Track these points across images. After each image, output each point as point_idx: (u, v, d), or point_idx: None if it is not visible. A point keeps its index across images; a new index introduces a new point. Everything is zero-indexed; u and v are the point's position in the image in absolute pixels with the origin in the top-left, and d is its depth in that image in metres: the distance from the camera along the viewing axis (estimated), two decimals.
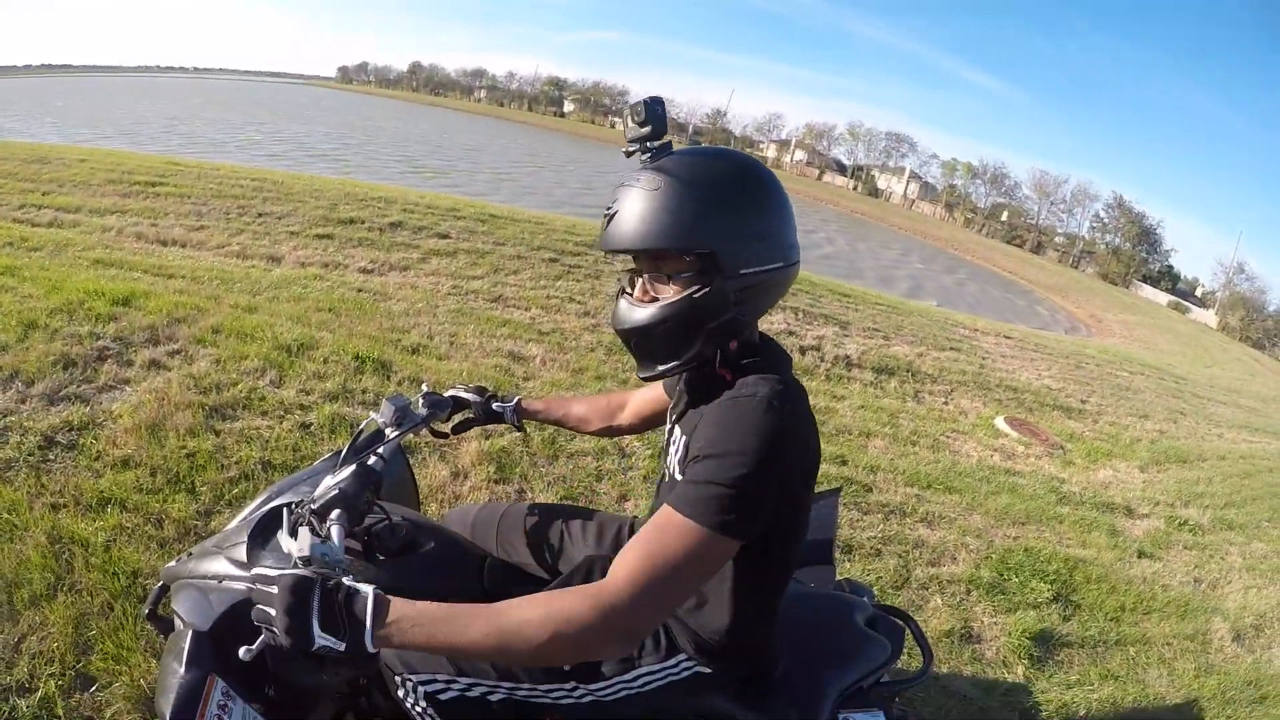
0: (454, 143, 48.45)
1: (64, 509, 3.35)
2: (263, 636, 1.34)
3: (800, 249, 1.64)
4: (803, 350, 8.90)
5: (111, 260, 7.07)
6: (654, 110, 1.52)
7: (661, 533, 1.38)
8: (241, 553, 1.78)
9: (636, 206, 1.48)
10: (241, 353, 5.10)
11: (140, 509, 3.42)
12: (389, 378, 5.27)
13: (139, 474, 3.66)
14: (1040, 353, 13.91)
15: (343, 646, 1.26)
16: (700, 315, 1.52)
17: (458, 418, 2.38)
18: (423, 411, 2.15)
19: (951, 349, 11.50)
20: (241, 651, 1.33)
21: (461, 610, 1.31)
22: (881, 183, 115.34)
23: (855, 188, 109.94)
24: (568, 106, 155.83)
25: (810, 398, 1.60)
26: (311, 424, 4.44)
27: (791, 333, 9.51)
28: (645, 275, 1.59)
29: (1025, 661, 3.88)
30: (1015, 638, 4.00)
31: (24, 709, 2.43)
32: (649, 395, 2.27)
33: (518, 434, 4.60)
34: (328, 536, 1.55)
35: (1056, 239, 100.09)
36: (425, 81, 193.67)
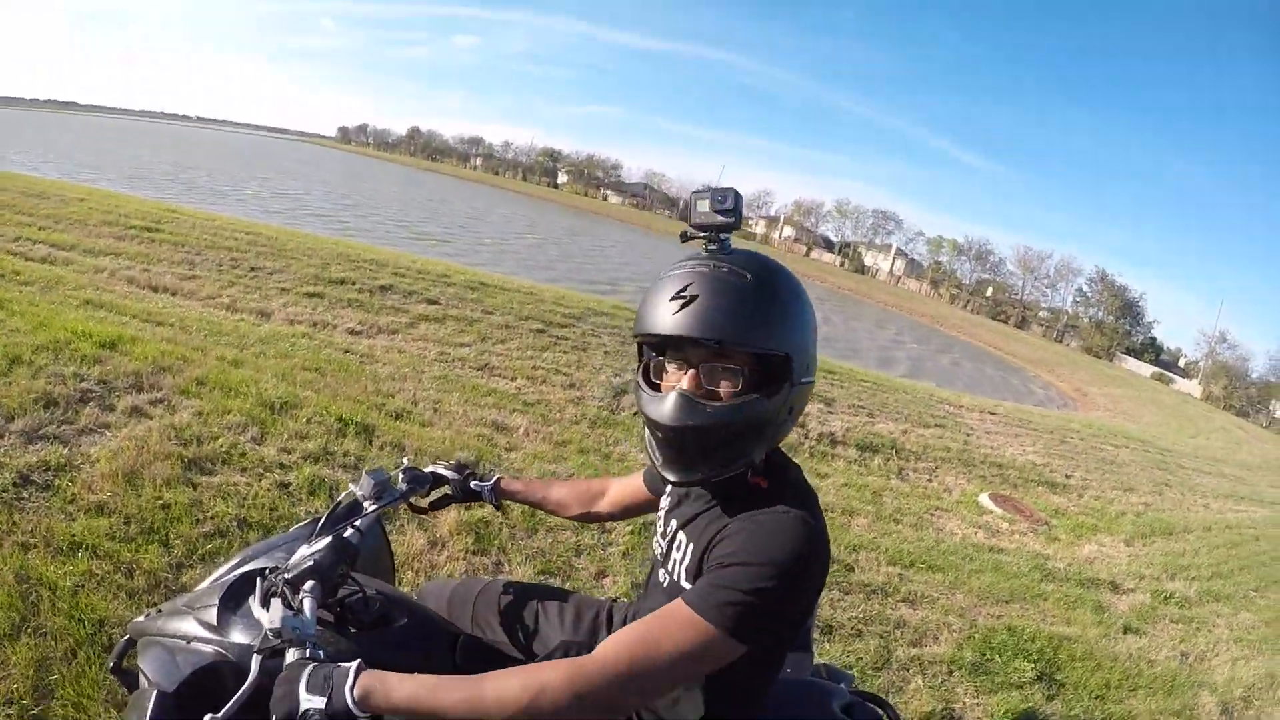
0: (454, 210, 48.78)
1: (34, 549, 3.29)
2: (232, 701, 1.36)
3: None
4: None
5: (101, 302, 7.08)
6: (738, 202, 1.49)
7: (663, 620, 1.36)
8: (212, 615, 1.74)
9: (724, 296, 1.44)
10: (225, 407, 5.08)
11: (111, 556, 3.37)
12: (371, 441, 5.24)
13: (113, 521, 3.62)
14: (1025, 428, 13.97)
15: (322, 703, 1.28)
16: (763, 420, 1.49)
17: (436, 494, 2.36)
18: (402, 487, 2.15)
19: (936, 425, 11.54)
20: (207, 718, 1.32)
21: (444, 678, 1.32)
22: (868, 259, 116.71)
23: (843, 264, 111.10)
24: (561, 178, 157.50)
25: None
26: (291, 484, 4.40)
27: None
28: (698, 368, 1.50)
29: None
30: (998, 719, 3.97)
31: None
32: (630, 486, 2.24)
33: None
34: (300, 609, 1.55)
35: (1041, 314, 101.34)
36: (423, 147, 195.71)
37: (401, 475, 2.18)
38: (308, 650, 1.42)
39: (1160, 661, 5.19)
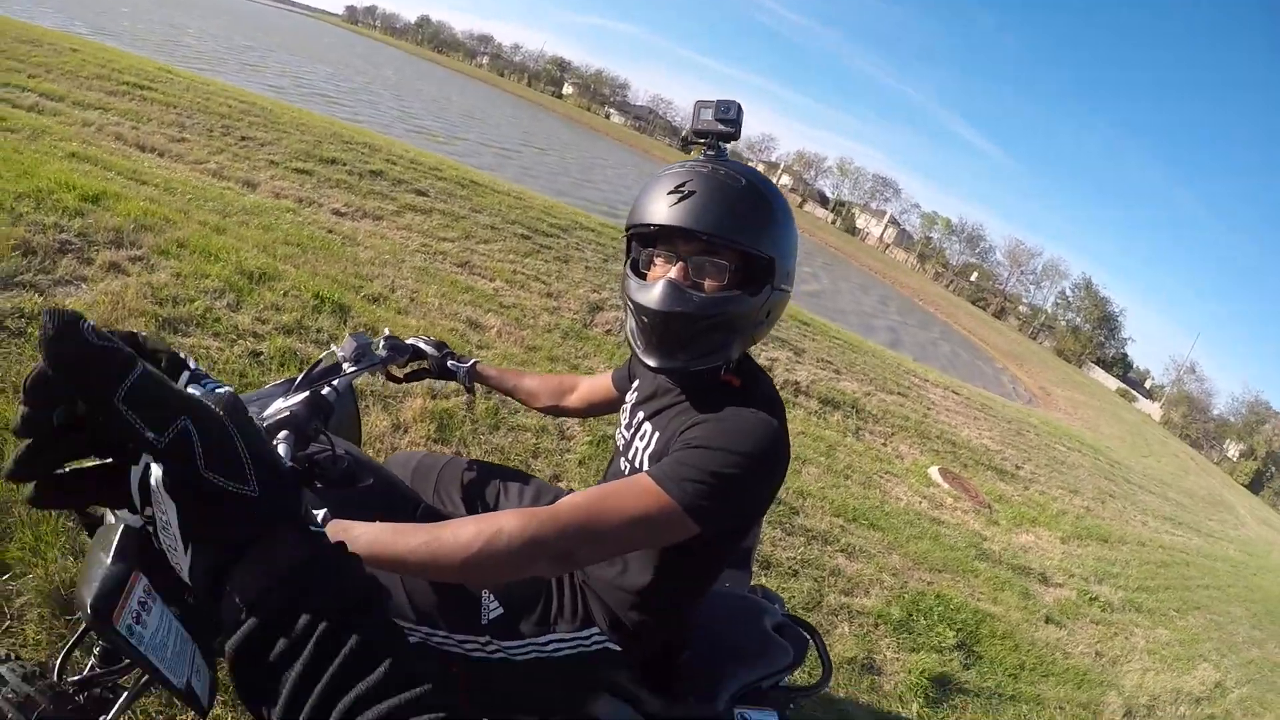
0: (456, 107, 47.90)
1: (3, 394, 3.32)
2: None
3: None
4: None
5: (87, 155, 6.96)
6: (740, 114, 1.63)
7: (626, 485, 1.44)
8: None
9: (720, 194, 1.53)
10: (203, 271, 5.08)
11: None
12: (345, 321, 5.28)
13: None
14: (985, 414, 14.17)
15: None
16: (744, 317, 1.59)
17: (413, 366, 2.43)
18: (383, 353, 2.20)
19: (899, 393, 11.67)
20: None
21: (403, 525, 1.36)
22: (860, 221, 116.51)
23: (834, 222, 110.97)
24: (567, 89, 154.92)
25: None
26: (262, 353, 4.44)
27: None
28: (687, 260, 1.59)
29: (920, 700, 4.01)
30: (915, 676, 4.12)
31: None
32: (599, 384, 2.32)
33: (464, 398, 4.68)
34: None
35: (1020, 308, 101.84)
36: (430, 37, 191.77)
37: (383, 342, 2.24)
38: None
39: (1075, 655, 5.40)
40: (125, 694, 1.81)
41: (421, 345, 2.40)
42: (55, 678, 1.75)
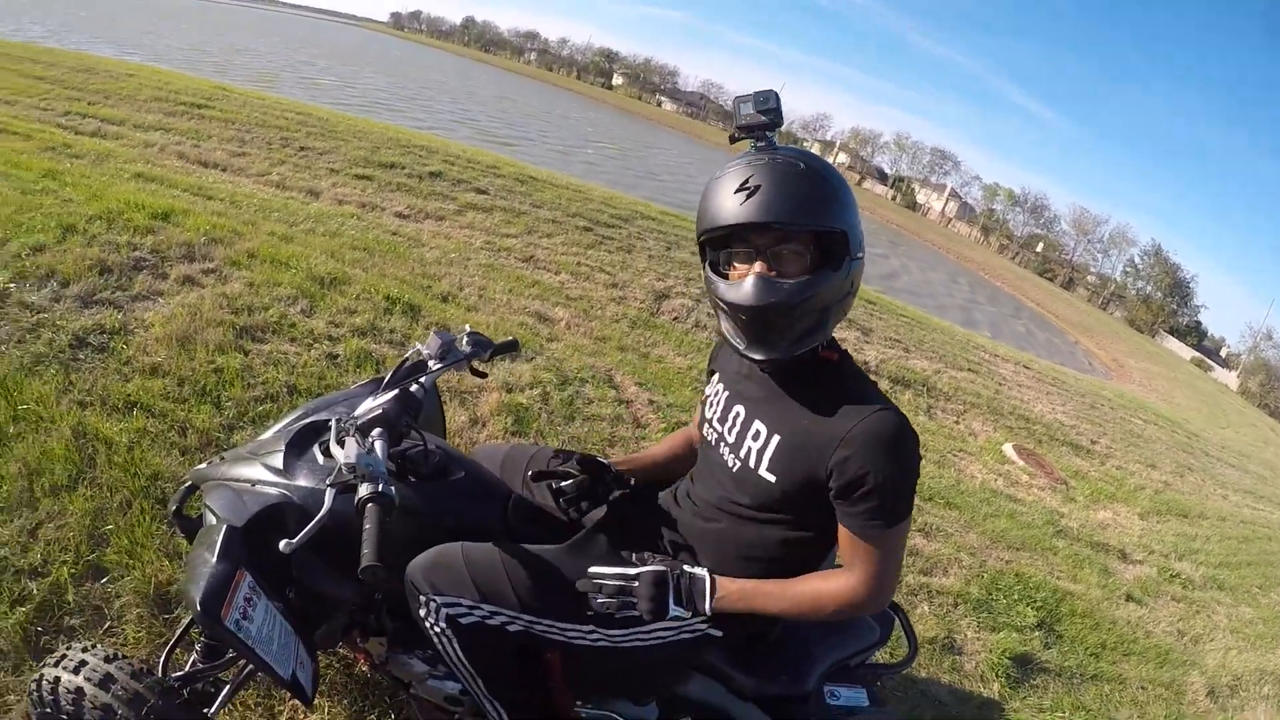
0: (516, 109, 48.16)
1: (90, 407, 3.39)
2: (305, 531, 1.47)
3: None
4: None
5: (153, 175, 7.11)
6: (779, 102, 1.63)
7: (885, 542, 1.62)
8: (279, 460, 1.84)
9: (784, 183, 1.55)
10: (275, 279, 5.12)
11: (165, 415, 3.47)
12: (417, 321, 5.27)
13: (166, 382, 3.70)
14: (1057, 388, 13.80)
15: (689, 615, 1.71)
16: (833, 294, 1.63)
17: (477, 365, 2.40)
18: (467, 348, 2.20)
19: (969, 370, 11.43)
20: (282, 544, 1.44)
21: (761, 582, 1.72)
22: (920, 197, 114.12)
23: (894, 198, 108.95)
24: (616, 79, 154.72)
25: None
26: (339, 355, 4.47)
27: None
28: (765, 254, 1.62)
29: (1002, 680, 3.88)
30: (996, 656, 3.99)
31: (35, 591, 2.50)
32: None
33: (536, 391, 4.72)
34: (371, 449, 1.63)
35: (1088, 278, 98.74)
36: (477, 37, 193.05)
37: (466, 338, 2.24)
38: (380, 486, 1.50)
39: (1157, 634, 5.16)
40: (227, 687, 1.88)
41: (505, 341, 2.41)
42: (160, 674, 1.80)
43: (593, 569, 1.76)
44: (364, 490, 1.49)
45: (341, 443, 1.69)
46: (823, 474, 1.61)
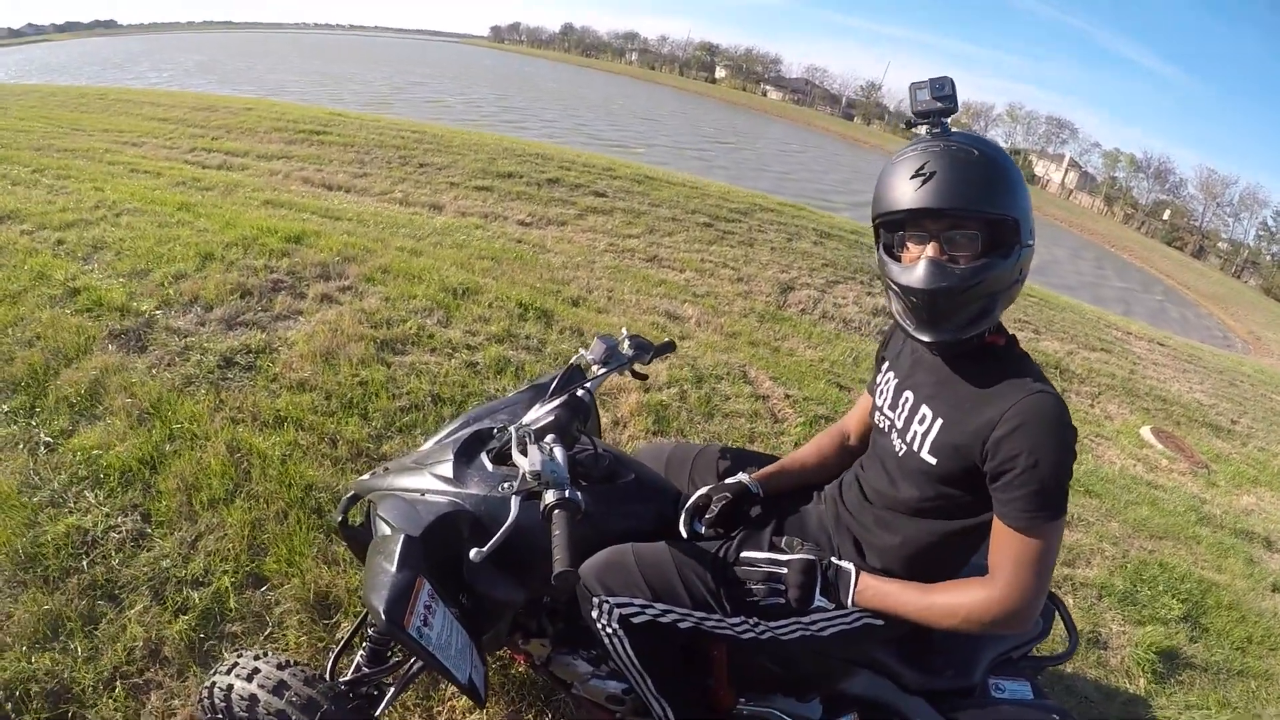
0: (626, 110, 48.59)
1: (242, 423, 3.45)
2: (494, 539, 1.52)
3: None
4: None
5: (280, 201, 7.31)
6: (954, 89, 1.64)
7: (1025, 540, 1.54)
8: (448, 469, 1.84)
9: (959, 169, 1.53)
10: (409, 293, 5.15)
11: (315, 429, 3.49)
12: (550, 325, 5.22)
13: (314, 397, 3.73)
14: (1194, 365, 12.94)
15: (833, 607, 1.74)
16: (1001, 281, 1.60)
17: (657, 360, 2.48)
18: (629, 352, 2.23)
19: (1102, 350, 10.86)
20: (473, 553, 1.51)
21: (903, 584, 1.71)
22: (1039, 169, 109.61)
23: None
24: (719, 72, 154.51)
25: None
26: (478, 363, 4.43)
27: None
28: (938, 238, 1.59)
29: (1148, 675, 3.60)
30: (1142, 650, 3.72)
31: (197, 600, 2.57)
32: (865, 405, 2.20)
33: (674, 390, 4.70)
34: (553, 455, 1.62)
35: (1220, 244, 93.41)
36: (576, 43, 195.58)
37: (628, 342, 2.26)
38: (566, 491, 1.51)
39: None
40: (391, 689, 1.93)
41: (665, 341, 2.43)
42: (330, 679, 1.89)
43: (745, 553, 1.82)
44: (550, 497, 1.51)
45: (523, 450, 1.66)
46: (978, 455, 1.58)
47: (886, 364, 1.98)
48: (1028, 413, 1.53)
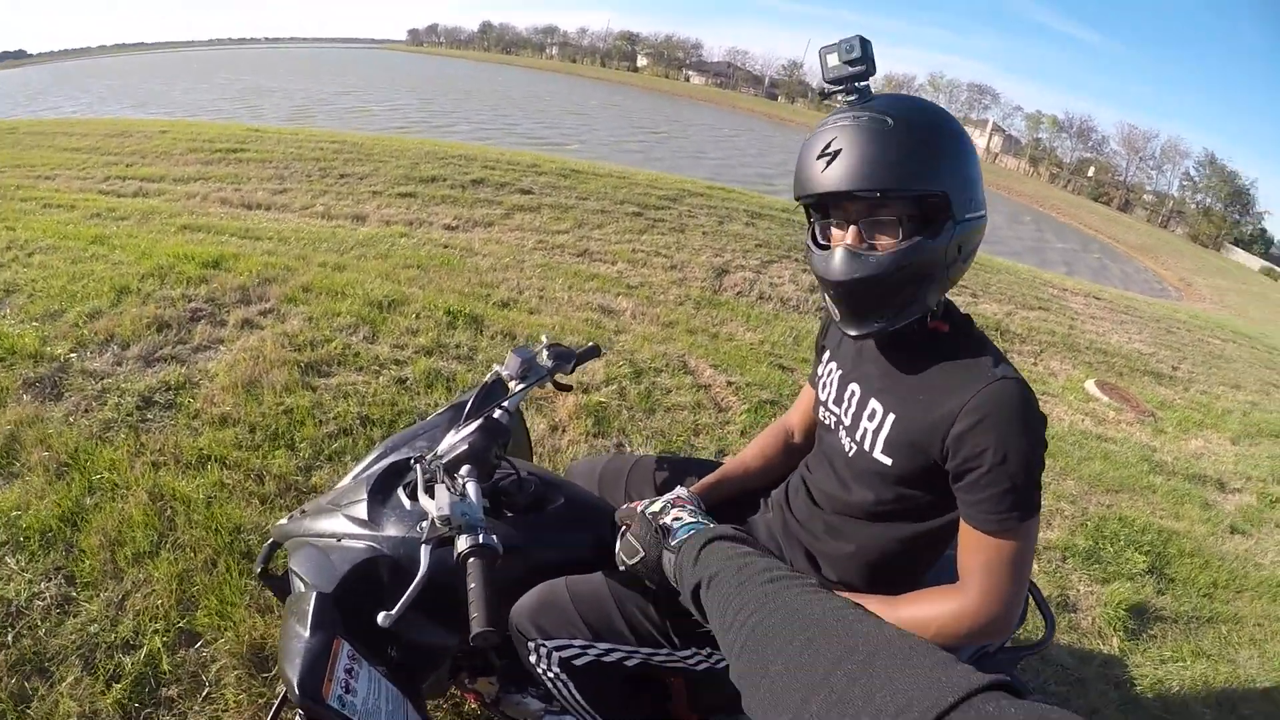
0: (554, 107, 48.23)
1: (164, 467, 3.33)
2: (403, 600, 1.35)
3: None
4: None
5: (198, 225, 7.13)
6: (867, 48, 1.43)
7: (997, 543, 1.41)
8: (362, 510, 1.71)
9: (867, 145, 1.38)
10: (333, 310, 5.05)
11: (240, 465, 3.38)
12: (481, 331, 5.15)
13: (237, 431, 3.62)
14: (1130, 315, 13.16)
15: None
16: (931, 263, 1.44)
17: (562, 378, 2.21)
18: (548, 363, 2.04)
19: (1040, 308, 10.99)
20: (380, 618, 1.34)
21: (867, 597, 1.55)
22: None
23: None
24: (641, 60, 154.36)
25: None
26: (408, 379, 4.35)
27: None
28: (859, 222, 1.46)
29: (1120, 634, 3.63)
30: (1111, 609, 3.76)
31: (129, 665, 2.43)
32: (807, 399, 2.07)
33: (612, 388, 4.62)
34: (464, 494, 1.48)
35: (1145, 197, 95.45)
36: (496, 41, 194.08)
37: (546, 351, 2.07)
38: (480, 536, 1.37)
39: (1267, 566, 4.78)
40: None
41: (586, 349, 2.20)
42: None
43: None
44: (463, 544, 1.36)
45: (430, 490, 1.51)
46: (938, 453, 1.45)
47: (828, 354, 1.85)
48: (990, 403, 1.39)
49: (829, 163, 1.40)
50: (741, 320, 6.80)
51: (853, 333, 1.54)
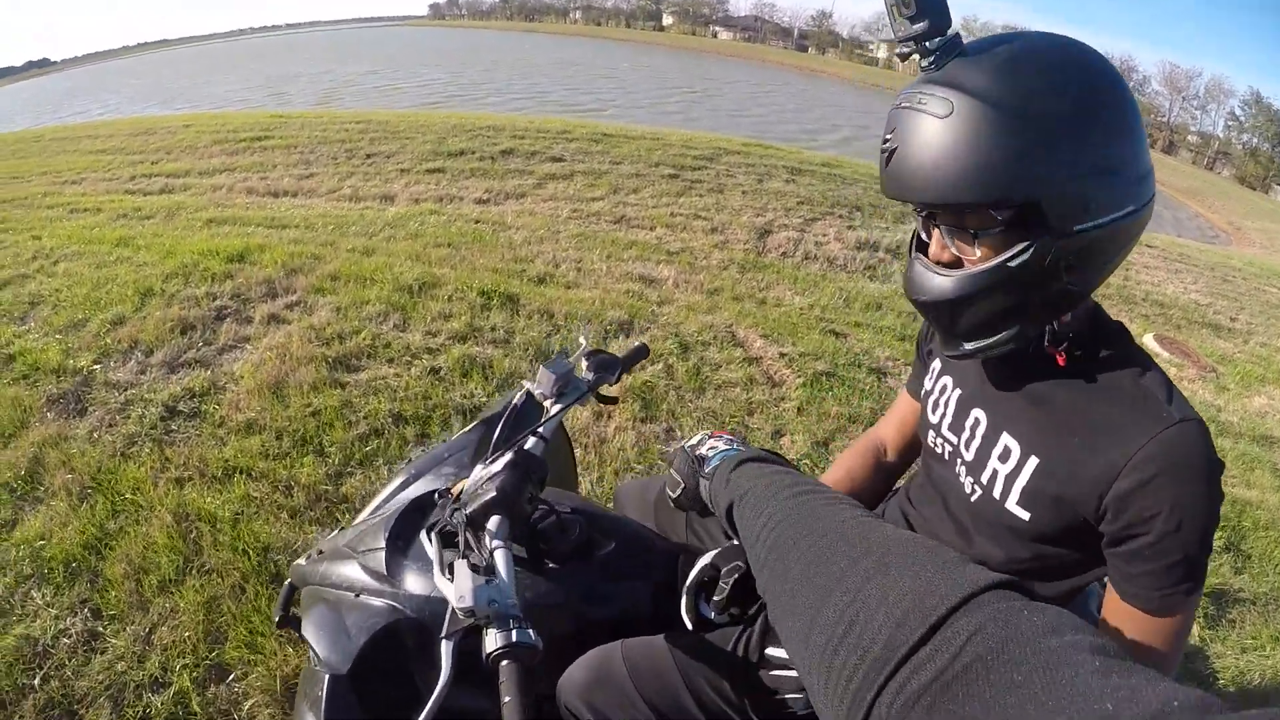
0: (584, 72, 47.76)
1: (189, 483, 3.17)
2: (427, 709, 1.01)
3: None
4: None
5: (224, 218, 7.00)
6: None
7: (1186, 614, 1.12)
8: (380, 561, 1.41)
9: (925, 141, 1.05)
10: (362, 298, 4.86)
11: (267, 476, 3.21)
12: (518, 311, 4.92)
13: (264, 438, 3.44)
14: (1185, 264, 12.43)
15: None
16: (1021, 287, 1.10)
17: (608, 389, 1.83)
18: (588, 376, 1.66)
19: None
20: None
21: None
22: None
23: None
24: (666, 20, 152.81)
25: None
26: (441, 368, 4.13)
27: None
28: (942, 227, 1.16)
29: (1201, 621, 3.32)
30: None
31: (158, 705, 2.29)
32: (903, 411, 1.73)
33: (658, 366, 4.39)
34: (491, 568, 1.13)
35: (1189, 138, 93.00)
36: (519, 9, 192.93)
37: (585, 362, 1.68)
38: (513, 632, 1.01)
39: None
40: None
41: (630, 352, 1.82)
42: None
43: (772, 651, 1.37)
44: (492, 642, 1.00)
45: (447, 566, 1.15)
46: (1093, 512, 1.13)
47: (938, 364, 1.50)
48: (1165, 456, 1.07)
49: (888, 160, 1.11)
50: (788, 283, 6.48)
51: (947, 353, 1.28)
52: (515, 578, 1.12)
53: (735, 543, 1.34)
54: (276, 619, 1.57)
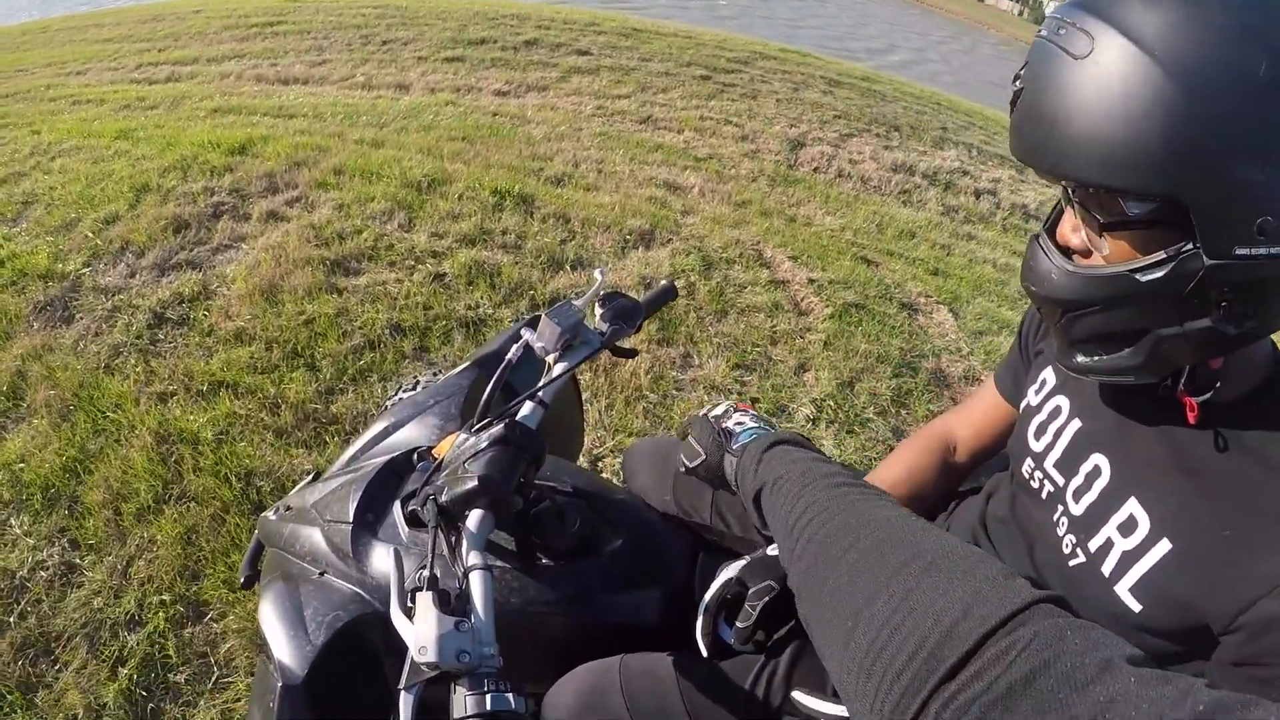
0: None
1: (173, 398, 3.02)
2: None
3: None
4: (978, 194, 7.60)
5: (230, 107, 6.71)
6: None
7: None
8: (346, 539, 1.17)
9: (1051, 86, 0.78)
10: (366, 194, 4.60)
11: (254, 392, 3.04)
12: (532, 214, 4.64)
13: (253, 349, 3.26)
14: None
15: None
16: (1154, 310, 0.82)
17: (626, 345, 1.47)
18: (603, 327, 1.34)
19: None
20: None
21: None
22: (1050, 7, 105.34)
23: (1021, 13, 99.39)
24: None
25: (990, 252, 0.86)
26: (446, 274, 3.89)
27: (965, 172, 8.11)
28: (1076, 205, 0.87)
29: None
30: None
31: (135, 646, 2.19)
32: (984, 408, 1.41)
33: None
34: (465, 606, 0.85)
35: None
36: None
37: (600, 308, 1.35)
38: (487, 696, 0.77)
39: None
40: None
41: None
42: None
43: (800, 695, 1.13)
44: (460, 707, 0.77)
45: (406, 602, 0.86)
46: (1222, 625, 0.83)
47: (1049, 373, 1.16)
48: None
49: (1013, 104, 0.84)
50: (820, 201, 6.14)
51: (1060, 361, 0.97)
52: (505, 580, 1.02)
53: (764, 554, 1.11)
54: (243, 579, 1.37)
